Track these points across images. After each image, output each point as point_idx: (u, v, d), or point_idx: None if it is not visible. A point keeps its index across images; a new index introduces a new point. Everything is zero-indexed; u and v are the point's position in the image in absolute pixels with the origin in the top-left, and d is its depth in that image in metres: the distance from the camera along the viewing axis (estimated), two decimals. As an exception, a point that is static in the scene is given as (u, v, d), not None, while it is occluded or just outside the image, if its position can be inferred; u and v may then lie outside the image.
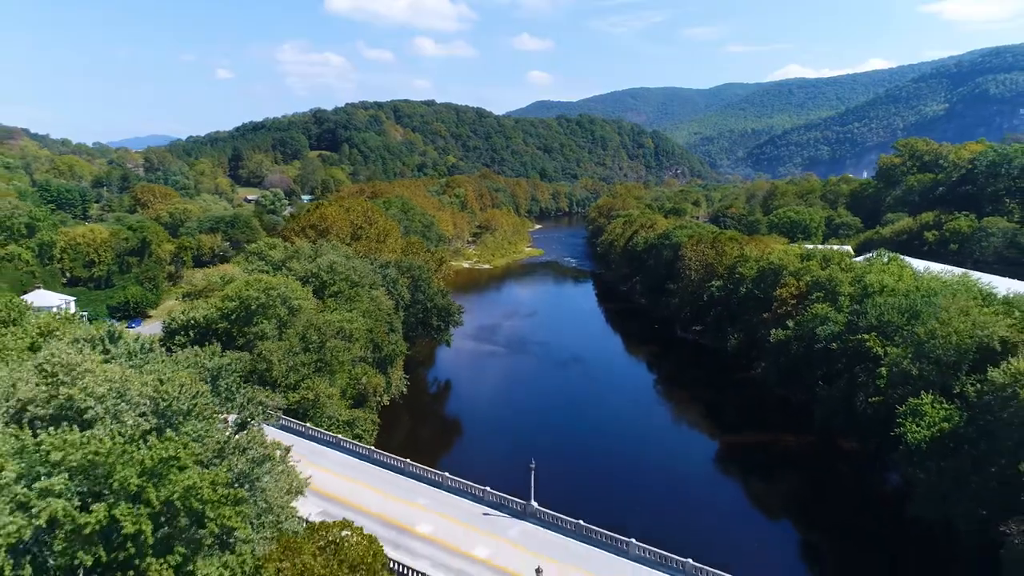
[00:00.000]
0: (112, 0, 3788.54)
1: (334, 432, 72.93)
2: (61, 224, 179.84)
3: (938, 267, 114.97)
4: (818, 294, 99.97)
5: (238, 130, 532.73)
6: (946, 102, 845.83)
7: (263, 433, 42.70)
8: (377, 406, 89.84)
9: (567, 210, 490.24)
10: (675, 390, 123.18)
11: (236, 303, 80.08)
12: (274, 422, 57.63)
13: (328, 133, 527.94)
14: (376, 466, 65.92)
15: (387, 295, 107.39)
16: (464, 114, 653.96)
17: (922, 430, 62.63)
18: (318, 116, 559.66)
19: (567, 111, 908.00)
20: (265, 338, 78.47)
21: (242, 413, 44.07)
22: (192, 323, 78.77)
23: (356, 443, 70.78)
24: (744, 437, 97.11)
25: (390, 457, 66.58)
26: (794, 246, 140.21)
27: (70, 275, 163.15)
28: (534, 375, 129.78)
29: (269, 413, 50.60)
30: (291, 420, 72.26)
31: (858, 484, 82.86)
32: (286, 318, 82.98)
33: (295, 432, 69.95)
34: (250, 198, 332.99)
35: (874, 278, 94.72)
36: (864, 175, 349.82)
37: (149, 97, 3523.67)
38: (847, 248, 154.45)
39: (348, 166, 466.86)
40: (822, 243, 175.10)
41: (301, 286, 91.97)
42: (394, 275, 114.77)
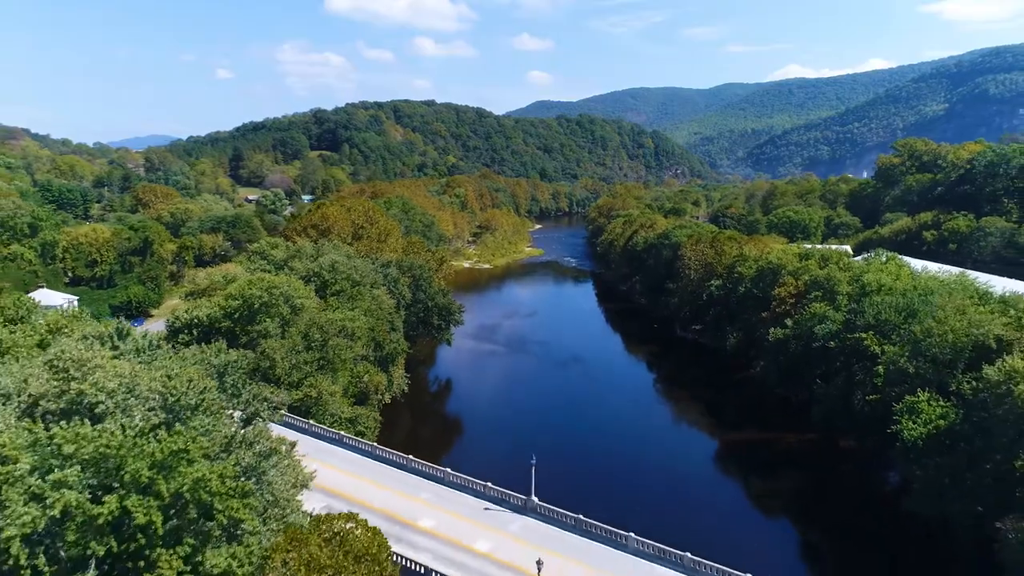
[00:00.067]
0: (112, 0, 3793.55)
1: (337, 429, 73.61)
2: (63, 224, 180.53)
3: (936, 267, 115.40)
4: (816, 293, 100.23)
5: (238, 130, 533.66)
6: (946, 102, 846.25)
7: (268, 428, 43.38)
8: (379, 404, 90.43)
9: (567, 210, 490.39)
10: (675, 389, 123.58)
11: (239, 302, 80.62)
12: (278, 419, 58.30)
13: (328, 133, 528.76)
14: (379, 462, 66.62)
15: (388, 294, 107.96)
16: (464, 114, 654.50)
17: (918, 427, 63.06)
18: (318, 116, 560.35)
19: (567, 111, 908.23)
20: (268, 336, 79.15)
21: (248, 409, 44.74)
22: (196, 321, 79.29)
23: (359, 439, 71.44)
24: (744, 436, 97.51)
25: (392, 453, 67.22)
26: (793, 246, 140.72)
27: (72, 274, 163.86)
28: (534, 374, 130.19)
29: (274, 409, 51.26)
30: (294, 417, 72.94)
31: (857, 482, 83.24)
32: (289, 317, 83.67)
33: (298, 429, 70.60)
34: (251, 198, 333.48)
35: (872, 277, 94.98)
36: (864, 175, 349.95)
37: (149, 97, 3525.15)
38: (846, 248, 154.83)
39: (348, 166, 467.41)
40: (821, 243, 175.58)
41: (303, 285, 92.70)
42: (395, 274, 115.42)
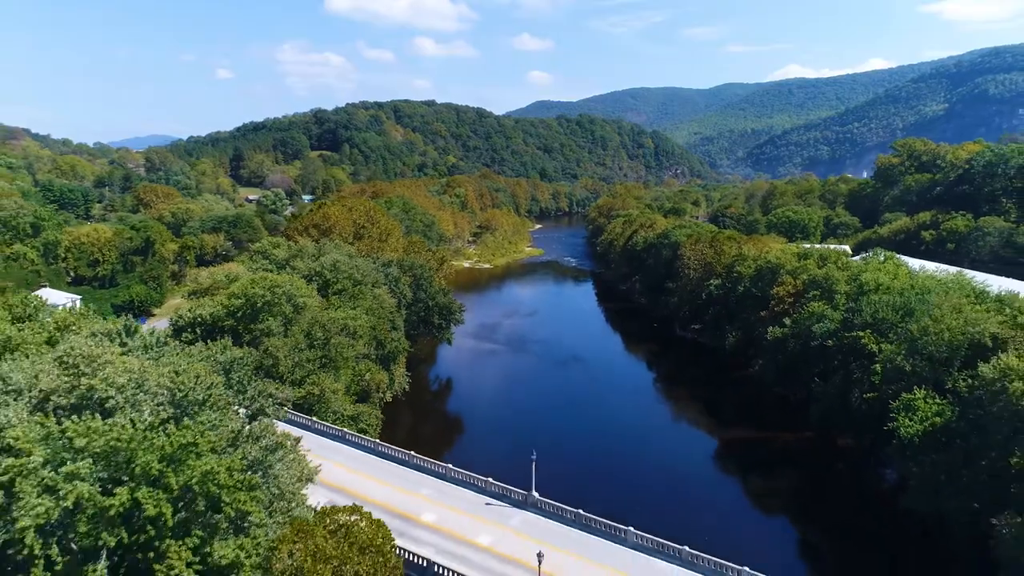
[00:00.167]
0: (112, 0, 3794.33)
1: (339, 427, 74.35)
2: (65, 224, 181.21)
3: (933, 266, 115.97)
4: (815, 292, 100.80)
5: (239, 130, 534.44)
6: (946, 102, 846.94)
7: (273, 424, 44.11)
8: (380, 402, 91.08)
9: (567, 210, 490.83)
10: (674, 388, 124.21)
11: (242, 300, 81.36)
12: (282, 416, 59.04)
13: (329, 133, 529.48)
14: (381, 458, 67.35)
15: (389, 293, 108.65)
16: (464, 114, 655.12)
17: (915, 424, 63.73)
18: (319, 116, 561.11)
19: (567, 111, 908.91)
20: (271, 335, 79.88)
21: (253, 405, 45.48)
22: (199, 320, 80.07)
23: (361, 436, 72.15)
24: (742, 434, 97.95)
25: (394, 449, 67.93)
26: (792, 245, 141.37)
27: (75, 274, 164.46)
28: (534, 373, 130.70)
29: (279, 405, 51.99)
30: (297, 414, 73.67)
31: (855, 480, 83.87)
32: (291, 315, 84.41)
33: (301, 426, 71.25)
34: (251, 198, 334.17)
35: (870, 277, 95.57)
36: (864, 175, 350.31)
37: (149, 97, 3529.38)
38: (845, 248, 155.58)
39: (349, 166, 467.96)
40: (820, 243, 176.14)
41: (305, 284, 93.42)
42: (396, 274, 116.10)
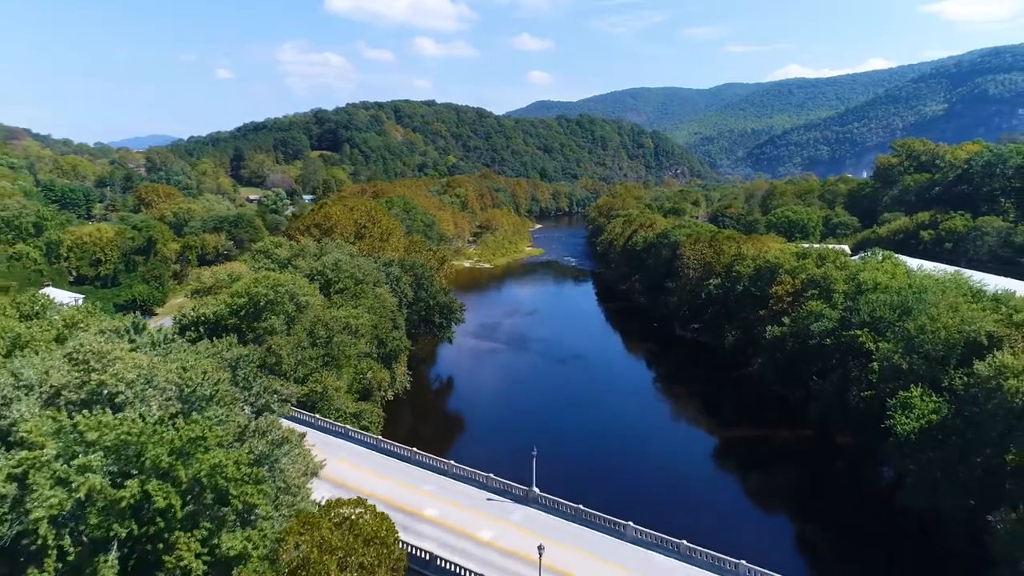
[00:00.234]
0: (112, 0, 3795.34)
1: (342, 424, 75.10)
2: (67, 224, 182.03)
3: (931, 265, 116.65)
4: (813, 291, 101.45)
5: (239, 130, 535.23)
6: (945, 102, 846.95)
7: (279, 419, 44.80)
8: (382, 400, 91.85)
9: (567, 210, 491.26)
10: (674, 387, 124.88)
11: (245, 299, 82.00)
12: (286, 411, 59.76)
13: (329, 133, 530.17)
14: (384, 455, 68.07)
15: (391, 292, 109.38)
16: (464, 114, 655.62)
17: (911, 422, 64.45)
18: (319, 116, 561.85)
19: (567, 111, 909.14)
20: (274, 333, 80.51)
21: (259, 401, 46.18)
22: (203, 319, 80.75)
23: (364, 433, 72.88)
24: (741, 433, 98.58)
25: (397, 446, 68.67)
26: (791, 245, 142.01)
27: (77, 273, 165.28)
28: (535, 372, 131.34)
29: (283, 401, 52.68)
30: (300, 411, 74.40)
31: (853, 478, 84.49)
32: (294, 314, 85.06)
33: (305, 423, 71.88)
34: (252, 198, 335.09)
35: (868, 276, 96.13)
36: (864, 175, 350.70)
37: (149, 97, 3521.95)
38: (843, 247, 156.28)
39: (349, 166, 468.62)
40: (820, 242, 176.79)
41: (308, 283, 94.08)
42: (397, 273, 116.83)
